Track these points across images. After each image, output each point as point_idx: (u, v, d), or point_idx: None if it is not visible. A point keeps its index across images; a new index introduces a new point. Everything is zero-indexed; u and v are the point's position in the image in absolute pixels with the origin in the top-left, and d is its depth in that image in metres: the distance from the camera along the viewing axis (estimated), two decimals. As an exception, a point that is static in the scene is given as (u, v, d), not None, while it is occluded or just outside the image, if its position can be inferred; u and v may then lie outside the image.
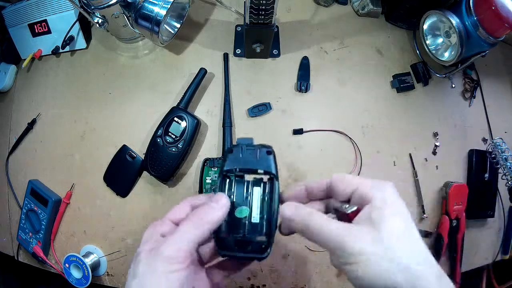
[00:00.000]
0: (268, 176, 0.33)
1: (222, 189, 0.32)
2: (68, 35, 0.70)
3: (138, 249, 0.30)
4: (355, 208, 0.29)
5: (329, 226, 0.28)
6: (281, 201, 0.33)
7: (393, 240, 0.26)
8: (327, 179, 0.32)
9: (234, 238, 0.31)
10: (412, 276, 0.24)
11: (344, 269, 0.27)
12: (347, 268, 0.26)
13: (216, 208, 0.30)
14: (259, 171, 0.32)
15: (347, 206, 0.30)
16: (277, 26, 0.69)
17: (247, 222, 0.32)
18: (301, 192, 0.34)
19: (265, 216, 0.32)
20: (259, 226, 0.31)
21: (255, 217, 0.32)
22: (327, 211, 0.34)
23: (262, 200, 0.32)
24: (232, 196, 0.32)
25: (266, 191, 0.33)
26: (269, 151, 0.33)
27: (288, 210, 0.31)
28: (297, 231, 0.30)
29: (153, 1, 0.58)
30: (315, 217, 0.29)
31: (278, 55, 0.70)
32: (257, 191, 0.32)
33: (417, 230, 0.27)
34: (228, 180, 0.33)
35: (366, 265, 0.25)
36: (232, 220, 0.32)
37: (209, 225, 0.29)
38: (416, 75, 0.72)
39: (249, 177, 0.34)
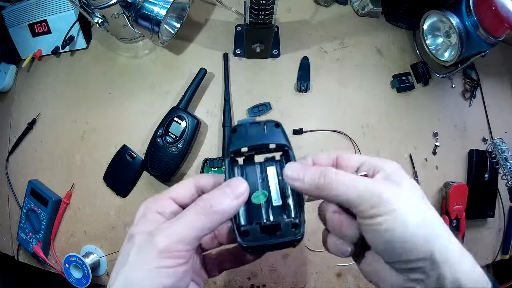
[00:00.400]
0: (280, 153, 0.30)
1: (230, 175, 0.28)
2: (68, 35, 0.70)
3: (130, 229, 0.26)
4: (364, 173, 0.27)
5: (354, 178, 0.26)
6: None
7: (414, 199, 0.25)
8: (332, 155, 0.30)
9: (259, 226, 0.26)
10: (441, 237, 0.24)
11: (371, 222, 0.24)
12: (378, 220, 0.24)
13: (231, 196, 0.25)
14: (271, 145, 0.29)
15: (356, 172, 0.28)
16: (277, 26, 0.69)
17: (268, 207, 0.28)
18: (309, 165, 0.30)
19: (288, 195, 0.28)
20: (284, 207, 0.28)
21: (276, 200, 0.28)
22: None
23: (280, 180, 0.29)
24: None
25: (282, 168, 0.28)
26: (277, 123, 0.29)
27: (293, 169, 0.27)
28: (306, 190, 0.27)
29: (153, 1, 0.58)
30: (330, 170, 0.26)
31: (278, 55, 0.70)
32: (271, 171, 0.29)
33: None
34: (236, 164, 0.29)
35: (391, 219, 0.23)
36: (249, 209, 0.27)
37: (220, 216, 0.25)
38: (416, 75, 0.72)
39: (258, 159, 0.30)
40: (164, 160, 0.62)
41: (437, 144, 0.71)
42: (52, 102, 0.73)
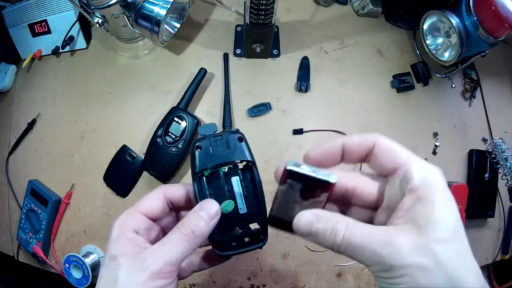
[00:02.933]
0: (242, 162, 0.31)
1: (200, 194, 0.29)
2: (68, 35, 0.70)
3: (111, 249, 0.27)
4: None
5: (357, 234, 0.23)
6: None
7: (440, 244, 0.21)
8: (369, 140, 0.27)
9: (230, 236, 0.30)
10: None
11: (386, 283, 0.22)
12: (386, 282, 0.22)
13: (207, 219, 0.27)
14: (236, 161, 0.30)
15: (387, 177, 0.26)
16: (277, 26, 0.69)
17: (235, 215, 0.30)
18: (336, 151, 0.28)
19: (252, 203, 0.30)
20: (249, 215, 0.30)
21: (242, 208, 0.30)
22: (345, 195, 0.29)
23: (244, 188, 0.31)
24: (212, 194, 0.30)
25: (246, 178, 0.31)
26: (240, 137, 0.30)
27: (305, 223, 0.25)
28: (324, 246, 0.25)
29: (153, 1, 0.58)
30: (340, 226, 0.24)
31: (278, 55, 0.70)
32: (236, 181, 0.31)
33: (463, 230, 0.23)
34: (203, 179, 0.30)
35: (407, 280, 0.21)
36: (220, 219, 0.29)
37: (200, 238, 0.27)
38: (416, 75, 0.72)
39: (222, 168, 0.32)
40: (164, 160, 0.62)
41: (437, 144, 0.71)
42: (52, 102, 0.73)
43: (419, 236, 0.21)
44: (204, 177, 0.30)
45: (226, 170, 0.31)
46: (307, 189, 0.26)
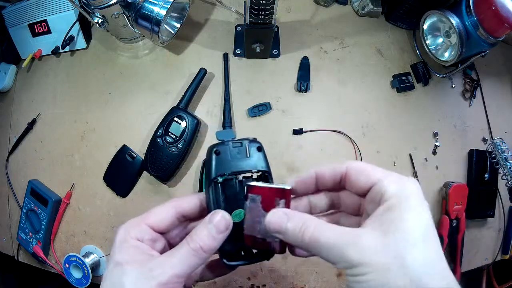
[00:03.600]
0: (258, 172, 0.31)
1: (214, 201, 0.28)
2: (68, 35, 0.70)
3: (115, 255, 0.27)
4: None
5: (325, 233, 0.24)
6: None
7: (405, 247, 0.22)
8: (341, 166, 0.28)
9: (239, 246, 0.30)
10: None
11: (349, 280, 0.24)
12: (351, 280, 0.23)
13: (216, 234, 0.27)
14: (254, 170, 0.30)
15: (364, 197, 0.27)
16: (277, 26, 0.69)
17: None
18: (310, 180, 0.30)
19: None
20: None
21: None
22: (332, 205, 0.31)
23: None
24: (224, 202, 0.30)
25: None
26: (259, 147, 0.30)
27: (276, 221, 0.26)
28: (293, 244, 0.27)
29: (153, 1, 0.58)
30: (309, 224, 0.25)
31: (278, 55, 0.70)
32: None
33: (436, 236, 0.24)
34: (218, 185, 0.30)
35: (370, 277, 0.22)
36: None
37: (209, 254, 0.27)
38: (416, 75, 0.72)
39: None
40: (164, 160, 0.62)
41: (437, 144, 0.71)
42: (52, 102, 0.73)
43: (385, 238, 0.23)
44: (218, 184, 0.30)
45: (241, 178, 0.31)
46: (267, 199, 0.27)
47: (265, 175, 0.30)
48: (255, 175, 0.31)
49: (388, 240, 0.23)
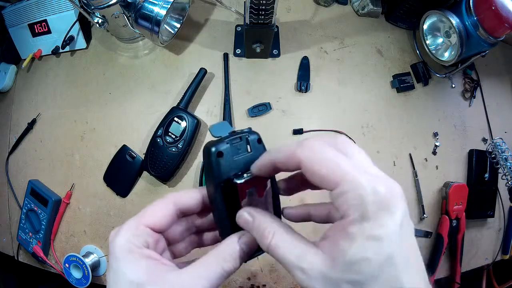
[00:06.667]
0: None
1: (228, 205, 0.26)
2: (68, 35, 0.70)
3: (128, 273, 0.23)
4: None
5: (282, 247, 0.22)
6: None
7: (350, 283, 0.19)
8: (293, 157, 0.23)
9: None
10: None
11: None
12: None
13: (245, 256, 0.25)
14: None
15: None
16: (277, 26, 0.69)
17: None
18: (269, 166, 0.26)
19: (267, 208, 0.28)
20: None
21: None
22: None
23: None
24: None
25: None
26: (259, 138, 0.28)
27: (243, 223, 0.25)
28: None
29: (153, 1, 0.58)
30: (266, 233, 0.23)
31: (278, 55, 0.70)
32: None
33: (396, 256, 0.19)
34: (225, 188, 0.27)
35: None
36: None
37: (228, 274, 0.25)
38: (416, 75, 0.72)
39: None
40: (164, 160, 0.62)
41: (437, 144, 0.71)
42: (52, 102, 0.73)
43: (331, 271, 0.20)
44: (235, 185, 0.27)
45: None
46: (260, 188, 0.27)
47: None
48: None
49: (334, 272, 0.20)
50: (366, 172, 0.21)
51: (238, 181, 0.26)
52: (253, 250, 0.26)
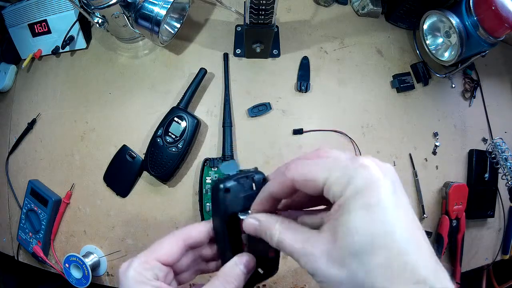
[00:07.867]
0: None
1: (232, 239, 0.28)
2: (68, 35, 0.70)
3: None
4: (322, 207, 0.27)
5: (288, 241, 0.24)
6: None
7: (356, 260, 0.20)
8: (285, 180, 0.24)
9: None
10: None
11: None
12: (320, 286, 0.22)
13: (246, 276, 0.27)
14: None
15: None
16: (277, 26, 0.69)
17: None
18: (269, 200, 0.27)
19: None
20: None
21: None
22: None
23: None
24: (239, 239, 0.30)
25: None
26: (265, 178, 0.30)
27: (249, 229, 0.27)
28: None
29: (153, 1, 0.58)
30: (273, 231, 0.25)
31: (278, 55, 0.70)
32: None
33: (390, 236, 0.19)
34: (230, 223, 0.29)
35: (325, 287, 0.21)
36: None
37: None
38: (416, 75, 0.72)
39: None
40: (164, 160, 0.62)
41: (437, 144, 0.71)
42: (52, 102, 0.73)
43: (333, 247, 0.21)
44: (239, 219, 0.29)
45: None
46: None
47: None
48: None
49: (337, 250, 0.20)
50: (352, 158, 0.22)
51: (242, 217, 0.28)
52: (253, 269, 0.28)
